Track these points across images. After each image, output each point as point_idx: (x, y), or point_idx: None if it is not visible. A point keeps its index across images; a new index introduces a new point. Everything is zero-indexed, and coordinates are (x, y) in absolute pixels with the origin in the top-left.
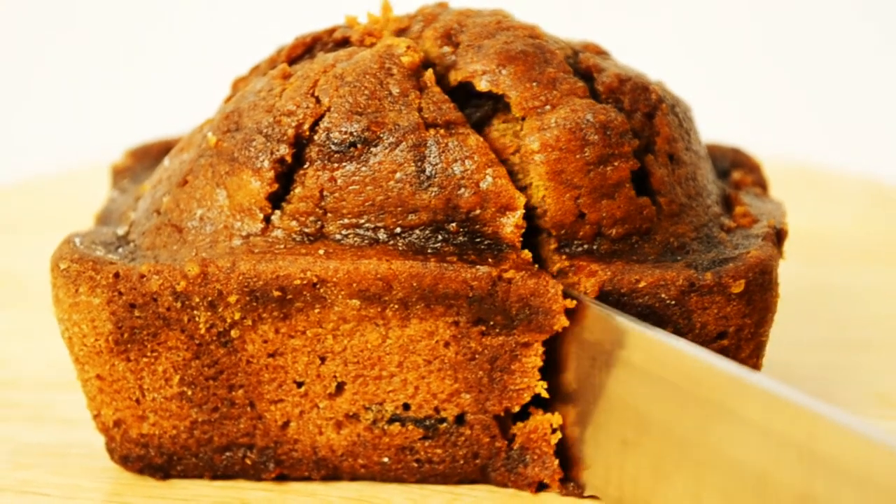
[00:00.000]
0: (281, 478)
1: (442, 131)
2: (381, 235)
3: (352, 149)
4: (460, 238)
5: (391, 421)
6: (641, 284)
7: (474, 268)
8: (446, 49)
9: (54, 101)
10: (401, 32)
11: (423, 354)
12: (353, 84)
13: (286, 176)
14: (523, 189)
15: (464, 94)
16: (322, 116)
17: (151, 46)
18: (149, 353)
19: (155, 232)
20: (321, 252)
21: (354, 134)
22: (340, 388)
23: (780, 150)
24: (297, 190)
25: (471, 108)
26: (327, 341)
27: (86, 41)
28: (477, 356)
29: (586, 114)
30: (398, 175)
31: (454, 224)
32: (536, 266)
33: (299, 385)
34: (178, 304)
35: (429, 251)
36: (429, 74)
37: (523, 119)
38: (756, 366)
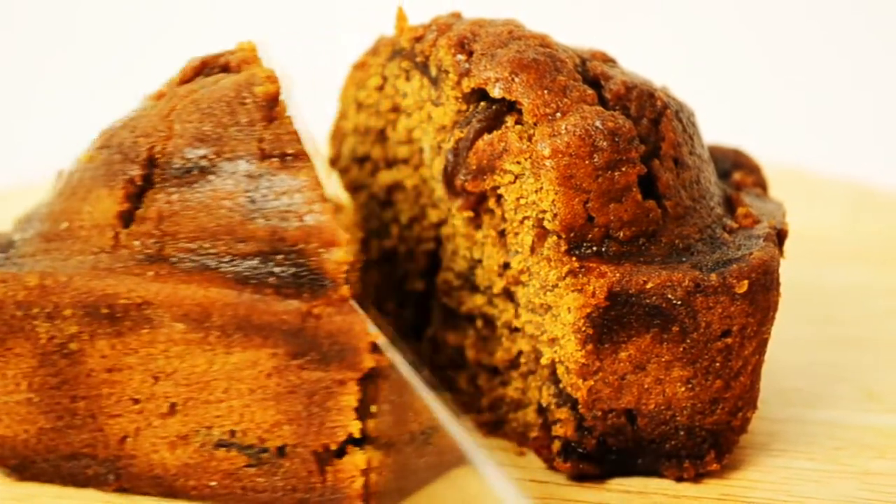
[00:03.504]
0: (122, 490)
1: (276, 162)
2: (212, 262)
3: (188, 175)
4: (287, 270)
5: (218, 446)
6: (649, 286)
7: (285, 301)
8: (460, 57)
9: (56, 102)
10: (415, 41)
11: (247, 383)
12: (205, 111)
13: (138, 196)
14: (535, 192)
15: (478, 96)
16: (170, 140)
17: (159, 49)
18: None
19: (30, 240)
20: (150, 274)
21: (192, 160)
22: (173, 408)
23: (771, 153)
24: (140, 211)
25: (487, 101)
26: (159, 361)
27: (91, 43)
28: (297, 389)
29: (595, 120)
30: (229, 204)
31: (281, 256)
32: (351, 303)
33: (135, 402)
34: (20, 313)
35: (252, 281)
36: (282, 106)
37: (535, 125)
38: (759, 362)
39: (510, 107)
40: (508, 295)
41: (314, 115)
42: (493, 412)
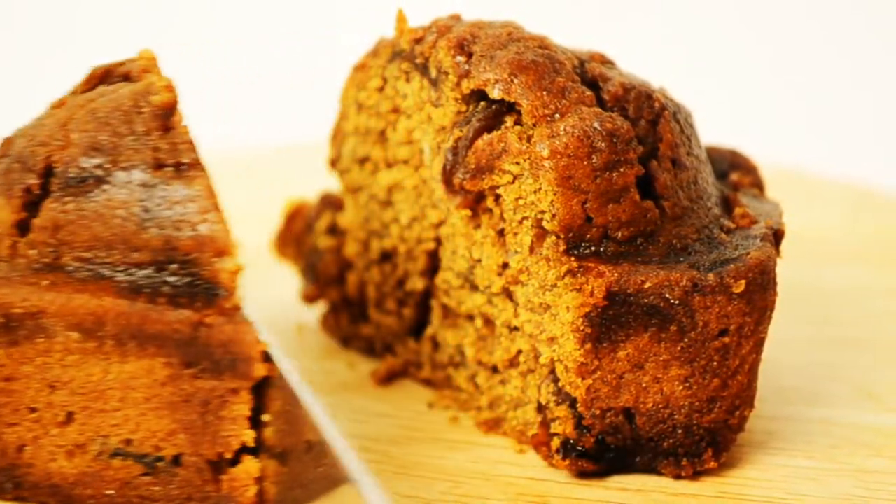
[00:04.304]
0: (20, 500)
1: (171, 172)
2: (107, 271)
3: (83, 184)
4: (181, 280)
5: (114, 455)
6: (647, 285)
7: (177, 311)
8: (460, 59)
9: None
10: (415, 43)
11: (142, 391)
12: (101, 120)
13: (35, 205)
14: (534, 193)
15: (477, 97)
16: (66, 149)
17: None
18: None
19: None
20: (46, 283)
21: (87, 170)
22: (70, 417)
23: (770, 154)
24: (37, 220)
25: (487, 101)
26: (55, 370)
27: (91, 43)
28: (191, 398)
29: (594, 122)
30: (122, 213)
31: (175, 265)
32: (242, 312)
33: (32, 411)
34: None
35: (146, 290)
36: (178, 115)
37: (534, 126)
38: (756, 361)
39: (509, 107)
40: (508, 294)
41: (315, 116)
42: (492, 410)
